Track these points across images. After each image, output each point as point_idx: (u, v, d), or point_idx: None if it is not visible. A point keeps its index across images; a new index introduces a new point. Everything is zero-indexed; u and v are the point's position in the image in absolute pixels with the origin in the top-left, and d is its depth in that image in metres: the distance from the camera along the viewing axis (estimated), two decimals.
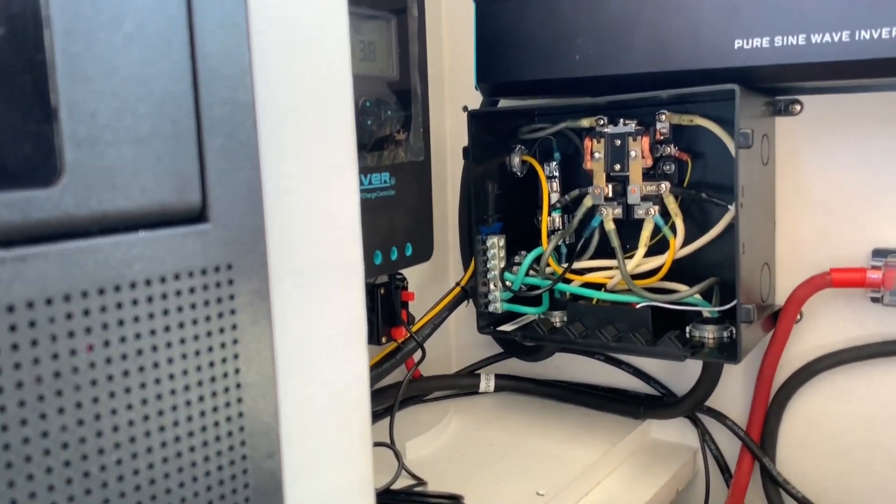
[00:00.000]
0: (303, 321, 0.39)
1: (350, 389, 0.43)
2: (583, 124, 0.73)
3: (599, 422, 0.79)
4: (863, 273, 0.64)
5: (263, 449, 0.33)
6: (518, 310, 0.77)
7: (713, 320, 0.68)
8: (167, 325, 0.29)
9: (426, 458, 0.72)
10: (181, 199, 0.29)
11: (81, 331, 0.26)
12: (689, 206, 0.71)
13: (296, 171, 0.38)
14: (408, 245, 0.68)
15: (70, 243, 0.26)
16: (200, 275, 0.30)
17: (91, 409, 0.27)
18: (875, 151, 0.65)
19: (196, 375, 0.30)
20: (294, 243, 0.38)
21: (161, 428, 0.29)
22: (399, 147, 0.65)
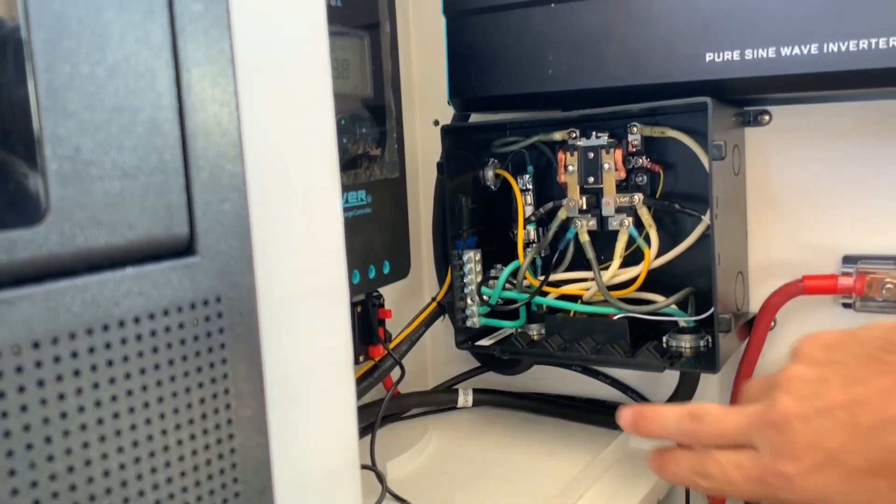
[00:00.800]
0: (290, 349, 0.38)
1: (339, 417, 0.42)
2: (555, 137, 0.73)
3: (579, 434, 0.79)
4: (834, 280, 0.65)
5: (256, 485, 0.33)
6: (496, 324, 0.77)
7: (689, 330, 0.69)
8: (157, 364, 0.28)
9: (408, 477, 0.71)
10: (169, 232, 0.29)
11: (69, 373, 0.25)
12: (661, 217, 0.72)
13: (280, 198, 0.37)
14: (385, 263, 0.67)
15: (56, 283, 0.25)
16: (189, 309, 0.29)
17: (81, 455, 0.26)
18: (843, 160, 0.67)
19: (187, 413, 0.29)
20: (280, 271, 0.37)
21: (153, 469, 0.28)
22: (374, 164, 0.64)
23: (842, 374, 0.35)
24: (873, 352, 0.35)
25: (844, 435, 0.34)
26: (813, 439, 0.35)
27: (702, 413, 0.41)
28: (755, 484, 0.37)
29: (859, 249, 0.67)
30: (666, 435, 0.44)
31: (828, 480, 0.34)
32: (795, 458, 0.35)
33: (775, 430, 0.36)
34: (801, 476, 0.35)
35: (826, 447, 0.34)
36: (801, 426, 0.35)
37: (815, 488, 0.35)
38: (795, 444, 0.35)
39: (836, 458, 0.34)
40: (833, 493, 0.34)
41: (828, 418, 0.35)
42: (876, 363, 0.35)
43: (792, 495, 0.35)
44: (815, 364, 0.37)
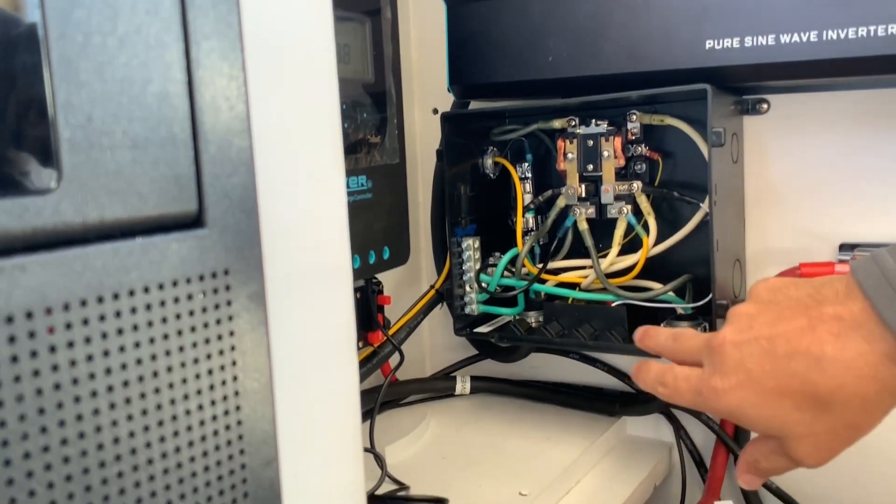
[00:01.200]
0: (295, 327, 0.38)
1: (342, 395, 0.42)
2: (554, 125, 0.74)
3: (576, 420, 0.79)
4: (831, 267, 0.65)
5: (262, 456, 0.33)
6: (494, 311, 0.78)
7: (687, 317, 0.69)
8: (166, 334, 0.28)
9: (407, 462, 0.71)
10: (178, 204, 0.29)
11: (81, 340, 0.26)
12: (660, 205, 0.72)
13: (285, 175, 0.38)
14: (385, 248, 0.68)
15: (68, 251, 0.25)
16: (198, 281, 0.29)
17: (92, 421, 0.26)
18: (841, 148, 0.67)
19: (195, 384, 0.30)
20: (285, 248, 0.38)
21: (161, 438, 0.28)
22: (375, 150, 0.65)
23: (774, 312, 0.42)
24: (803, 298, 0.41)
25: (763, 360, 0.40)
26: (739, 361, 0.41)
27: (679, 334, 0.49)
28: (695, 395, 0.44)
29: (856, 237, 0.67)
30: (656, 349, 0.50)
31: (746, 395, 0.41)
32: (724, 375, 0.42)
33: (714, 351, 0.43)
34: (726, 391, 0.41)
35: (748, 368, 0.41)
36: (733, 350, 0.42)
37: (735, 402, 0.41)
38: (726, 364, 0.42)
39: (754, 378, 0.41)
40: (748, 407, 0.41)
41: (753, 345, 0.41)
42: (801, 307, 0.41)
43: (718, 406, 0.42)
44: (758, 302, 0.43)
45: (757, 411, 0.41)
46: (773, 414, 0.40)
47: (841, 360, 0.38)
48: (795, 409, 0.40)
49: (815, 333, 0.39)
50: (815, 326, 0.39)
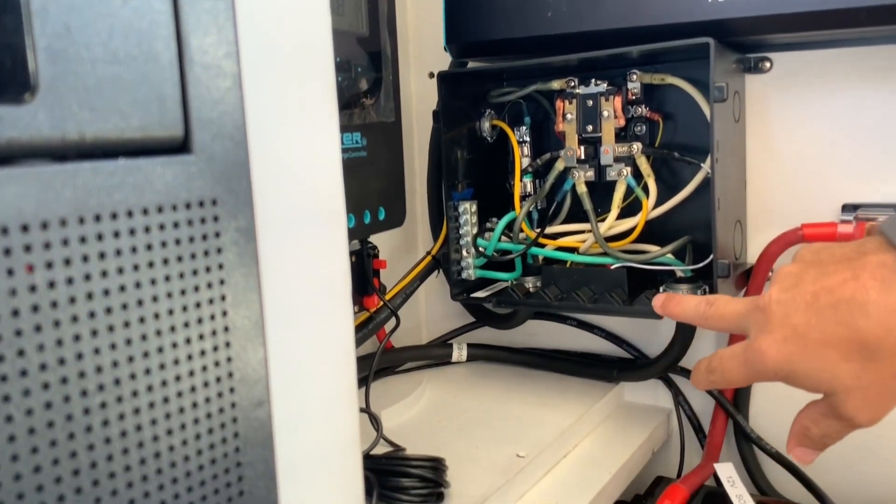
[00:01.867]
0: (288, 269, 0.37)
1: (336, 344, 0.41)
2: (553, 86, 0.72)
3: (574, 386, 0.78)
4: (834, 227, 0.64)
5: (252, 397, 0.32)
6: (491, 276, 0.77)
7: (687, 280, 0.68)
8: (151, 261, 0.27)
9: (402, 426, 0.70)
10: (163, 127, 0.28)
11: (60, 262, 0.24)
12: (659, 169, 0.71)
13: (275, 112, 0.36)
14: (381, 209, 0.66)
15: (46, 167, 0.24)
16: (185, 209, 0.28)
17: (73, 348, 0.25)
18: (844, 107, 0.66)
19: (182, 316, 0.29)
20: (276, 189, 0.36)
21: (146, 371, 0.27)
22: (370, 106, 0.63)
23: (818, 269, 0.41)
24: (847, 253, 0.41)
25: (808, 313, 0.40)
26: (784, 316, 0.41)
27: (714, 299, 0.48)
28: (744, 366, 0.43)
29: (859, 197, 0.66)
30: (685, 316, 0.50)
31: (792, 350, 0.40)
32: (769, 333, 0.41)
33: (760, 311, 0.42)
34: (771, 348, 0.41)
35: (792, 323, 0.40)
36: (777, 307, 0.41)
37: (782, 358, 0.40)
38: (771, 322, 0.41)
39: (799, 331, 0.40)
40: (796, 362, 0.40)
41: (798, 300, 0.41)
42: (845, 261, 0.40)
43: (766, 366, 0.41)
44: (802, 262, 0.43)
45: (805, 365, 0.40)
46: (820, 367, 0.39)
47: (886, 304, 0.38)
48: (842, 359, 0.39)
49: (858, 281, 0.38)
50: (859, 275, 0.39)
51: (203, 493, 0.30)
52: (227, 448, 0.31)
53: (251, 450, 0.32)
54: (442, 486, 0.55)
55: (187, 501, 0.29)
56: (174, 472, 0.28)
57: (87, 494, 0.25)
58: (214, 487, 0.30)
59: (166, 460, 0.28)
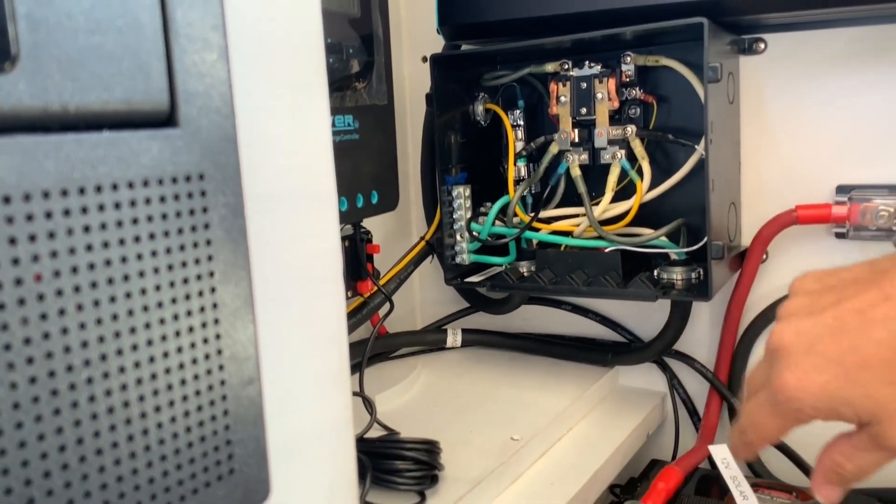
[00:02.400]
0: (278, 248, 0.37)
1: (327, 323, 0.41)
2: (547, 69, 0.72)
3: (568, 370, 0.78)
4: (828, 209, 0.64)
5: (242, 375, 0.32)
6: (485, 260, 0.76)
7: (681, 262, 0.68)
8: (137, 236, 0.27)
9: (396, 410, 0.70)
10: (148, 99, 0.27)
11: (44, 235, 0.24)
12: (653, 152, 0.71)
13: (264, 88, 0.36)
14: (373, 192, 0.66)
15: (28, 137, 0.24)
16: (171, 183, 0.28)
17: (58, 322, 0.25)
18: (837, 88, 0.66)
19: (169, 292, 0.28)
20: (265, 165, 0.36)
21: (133, 346, 0.27)
22: (362, 88, 0.63)
23: (833, 294, 0.38)
24: (861, 276, 0.38)
25: (837, 338, 0.36)
26: (808, 348, 0.36)
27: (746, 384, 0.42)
28: (773, 410, 0.38)
29: (853, 179, 0.66)
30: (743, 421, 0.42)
31: (828, 379, 0.36)
32: (794, 366, 0.37)
33: (776, 351, 0.38)
34: (802, 381, 0.36)
35: (821, 351, 0.36)
36: (796, 339, 0.37)
37: (817, 389, 0.36)
38: (793, 355, 0.37)
39: (831, 358, 0.36)
40: (833, 391, 0.36)
41: (820, 328, 0.36)
42: (863, 282, 0.37)
43: (801, 402, 0.36)
44: (809, 293, 0.39)
45: (844, 393, 0.35)
46: (862, 392, 0.35)
47: None
48: (886, 383, 0.35)
49: (889, 302, 0.35)
50: (890, 294, 0.35)
51: (192, 471, 0.29)
52: (216, 426, 0.30)
53: (241, 428, 0.32)
54: (436, 469, 0.55)
55: (176, 479, 0.29)
56: (163, 450, 0.28)
57: (74, 470, 0.25)
58: (204, 465, 0.30)
59: (154, 437, 0.28)
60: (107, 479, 0.26)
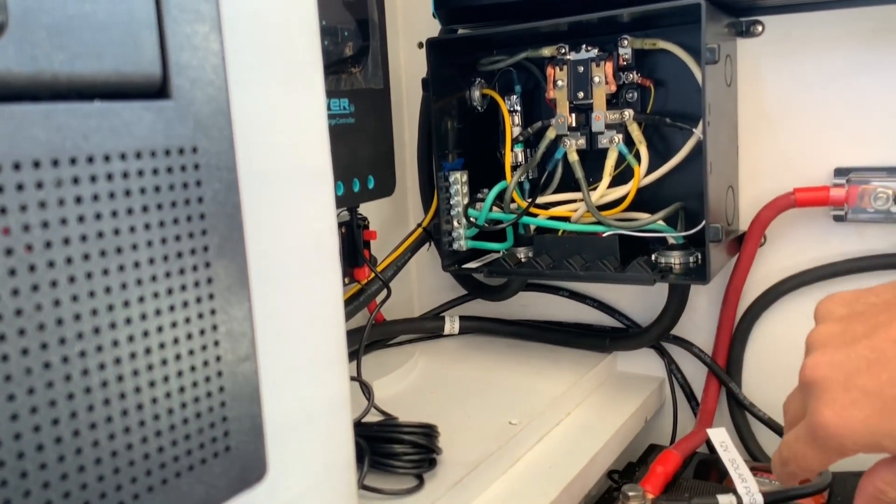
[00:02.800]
0: (272, 226, 0.37)
1: (324, 303, 0.41)
2: (544, 53, 0.72)
3: (566, 356, 0.78)
4: (826, 191, 0.64)
5: (237, 351, 0.31)
6: (483, 246, 0.76)
7: (679, 247, 0.68)
8: (129, 208, 0.27)
9: (394, 396, 0.70)
10: (139, 70, 0.27)
11: (34, 205, 0.24)
12: (651, 136, 0.71)
13: (257, 65, 0.36)
14: (370, 177, 0.66)
15: (18, 106, 0.23)
16: (164, 156, 0.28)
17: (49, 294, 0.24)
18: (835, 70, 0.66)
19: (163, 266, 0.28)
20: (258, 143, 0.36)
21: (127, 320, 0.27)
22: (357, 72, 0.62)
23: (865, 322, 0.36)
24: (890, 300, 0.37)
25: (876, 370, 0.35)
26: (845, 380, 0.35)
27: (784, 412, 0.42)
28: (811, 444, 0.37)
29: (851, 161, 0.66)
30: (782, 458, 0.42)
31: (870, 414, 0.35)
32: (832, 402, 0.36)
33: (811, 384, 0.37)
34: (839, 415, 0.35)
35: (859, 385, 0.35)
36: (832, 372, 0.36)
37: (859, 425, 0.35)
38: (830, 389, 0.36)
39: (871, 392, 0.35)
40: (875, 425, 0.35)
41: (856, 359, 0.35)
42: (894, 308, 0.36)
43: (842, 439, 0.35)
44: (839, 319, 0.38)
45: (886, 426, 0.34)
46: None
47: None
48: None
49: None
50: None
51: (188, 447, 0.29)
52: (211, 402, 0.30)
53: (237, 405, 0.31)
54: (434, 453, 0.55)
55: (172, 455, 0.29)
56: (157, 425, 0.28)
57: (68, 444, 0.25)
58: (200, 441, 0.30)
59: (149, 412, 0.28)
60: (101, 453, 0.26)
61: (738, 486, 0.57)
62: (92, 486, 0.26)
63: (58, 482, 0.25)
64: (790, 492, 0.57)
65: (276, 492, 0.37)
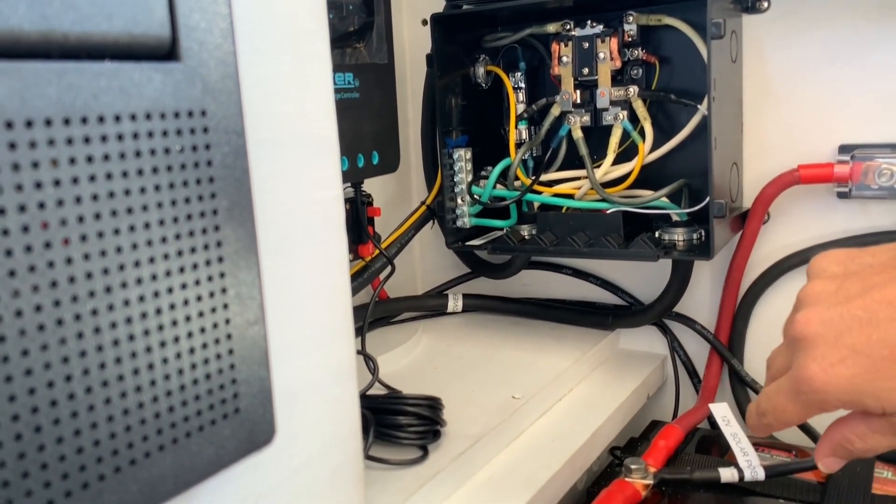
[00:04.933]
0: (279, 193, 0.37)
1: (330, 273, 0.41)
2: (549, 30, 0.71)
3: (569, 334, 0.79)
4: (830, 168, 0.64)
5: (246, 315, 0.32)
6: (486, 224, 0.76)
7: (682, 224, 0.68)
8: (140, 169, 0.27)
9: (398, 371, 0.71)
10: (149, 31, 0.27)
11: (46, 162, 0.24)
12: (655, 114, 0.71)
13: (265, 29, 0.36)
14: (374, 153, 0.66)
15: (30, 63, 0.23)
16: (173, 118, 0.28)
17: (62, 252, 0.24)
18: (841, 47, 0.65)
19: (173, 228, 0.28)
20: (266, 112, 0.36)
21: (138, 280, 0.27)
22: (362, 46, 0.62)
23: (859, 282, 0.36)
24: (887, 262, 0.37)
25: (867, 330, 0.35)
26: (835, 338, 0.36)
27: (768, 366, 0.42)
28: (794, 398, 0.38)
29: (856, 138, 0.66)
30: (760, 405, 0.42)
31: (856, 372, 0.35)
32: (821, 358, 0.36)
33: (800, 339, 0.37)
34: (826, 371, 0.36)
35: (848, 343, 0.35)
36: (823, 329, 0.36)
37: (844, 382, 0.35)
38: (820, 345, 0.36)
39: (860, 350, 0.35)
40: (861, 384, 0.35)
41: (848, 318, 0.36)
42: (890, 270, 0.36)
43: (826, 394, 0.36)
44: (833, 277, 0.38)
45: (871, 386, 0.35)
46: (891, 386, 0.35)
47: None
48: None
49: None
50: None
51: (198, 408, 0.30)
52: (221, 364, 0.30)
53: (246, 368, 0.32)
54: (438, 425, 0.56)
55: (183, 415, 0.29)
56: (168, 385, 0.28)
57: (80, 401, 0.25)
58: (209, 403, 0.30)
59: (160, 373, 0.28)
60: (113, 411, 0.26)
61: (740, 460, 0.57)
62: (104, 443, 0.26)
63: (71, 437, 0.25)
64: (791, 465, 0.58)
65: (284, 457, 0.38)
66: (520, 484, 0.53)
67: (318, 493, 0.41)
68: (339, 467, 0.42)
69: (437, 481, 0.51)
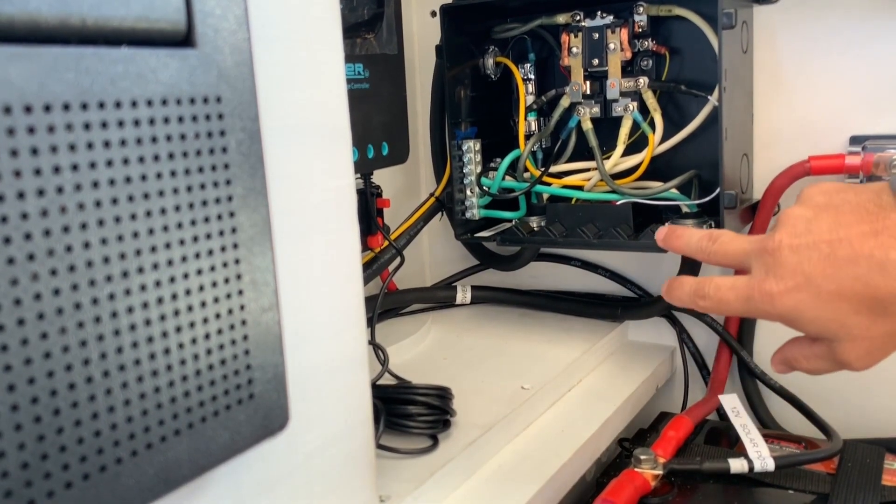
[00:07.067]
0: (292, 180, 0.37)
1: (342, 261, 0.41)
2: (558, 20, 0.71)
3: (578, 325, 0.79)
4: (841, 159, 0.64)
5: (261, 301, 0.32)
6: (495, 215, 0.76)
7: (692, 215, 0.68)
8: (156, 154, 0.27)
9: (408, 362, 0.71)
10: (165, 18, 0.27)
11: (65, 147, 0.24)
12: (665, 105, 0.70)
13: (279, 17, 0.36)
14: (384, 144, 0.66)
15: (47, 48, 0.24)
16: (189, 104, 0.28)
17: (79, 236, 0.25)
18: (852, 37, 0.65)
19: (188, 213, 0.28)
20: (279, 99, 0.36)
21: (154, 265, 0.27)
22: (372, 37, 0.62)
23: (833, 216, 0.41)
24: (863, 203, 0.40)
25: (823, 264, 0.40)
26: (797, 264, 0.41)
27: (718, 234, 0.47)
28: (744, 302, 0.43)
29: (867, 129, 0.65)
30: (687, 250, 0.49)
31: (804, 298, 0.40)
32: (780, 279, 0.41)
33: (769, 255, 0.42)
34: (782, 294, 0.41)
35: (806, 271, 0.40)
36: (790, 254, 0.41)
37: (791, 304, 0.41)
38: (782, 266, 0.41)
39: (812, 281, 0.40)
40: (805, 310, 0.40)
41: (812, 249, 0.40)
42: (863, 212, 0.40)
43: (773, 310, 0.41)
44: (814, 206, 0.42)
45: (815, 313, 0.40)
46: (831, 317, 0.40)
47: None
48: (854, 312, 0.39)
49: (878, 238, 0.38)
50: (879, 231, 0.38)
51: (213, 393, 0.30)
52: (236, 350, 0.31)
53: (261, 354, 0.32)
54: (448, 414, 0.56)
55: (198, 400, 0.29)
56: (184, 370, 0.28)
57: (98, 384, 0.25)
58: (224, 388, 0.30)
59: (176, 357, 0.28)
60: (129, 395, 0.26)
61: (750, 451, 0.57)
62: (121, 426, 0.26)
63: (88, 421, 0.25)
64: (801, 456, 0.58)
65: (297, 443, 0.38)
66: (529, 474, 0.53)
67: (330, 480, 0.41)
68: (351, 454, 0.42)
69: (447, 470, 0.51)
